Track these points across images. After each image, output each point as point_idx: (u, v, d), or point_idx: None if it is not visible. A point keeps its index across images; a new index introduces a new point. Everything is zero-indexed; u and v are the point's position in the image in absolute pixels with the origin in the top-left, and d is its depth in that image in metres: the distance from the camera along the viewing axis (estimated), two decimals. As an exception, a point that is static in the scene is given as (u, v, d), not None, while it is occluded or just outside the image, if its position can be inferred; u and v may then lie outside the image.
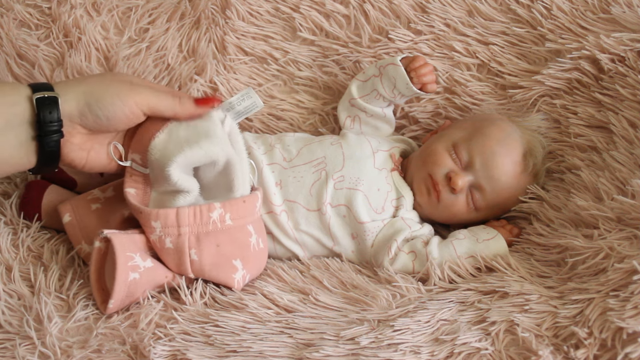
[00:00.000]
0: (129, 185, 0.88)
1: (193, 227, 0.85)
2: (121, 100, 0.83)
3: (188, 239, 0.85)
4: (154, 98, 0.86)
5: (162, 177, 0.86)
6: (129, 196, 0.87)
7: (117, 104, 0.83)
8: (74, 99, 0.82)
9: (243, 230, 0.90)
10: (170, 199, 0.87)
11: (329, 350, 0.76)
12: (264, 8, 1.20)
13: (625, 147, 0.98)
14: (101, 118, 0.83)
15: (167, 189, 0.87)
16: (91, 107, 0.82)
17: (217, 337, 0.79)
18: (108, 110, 0.83)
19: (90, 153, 0.87)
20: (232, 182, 0.90)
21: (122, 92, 0.83)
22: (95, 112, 0.82)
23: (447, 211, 1.03)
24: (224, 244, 0.87)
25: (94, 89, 0.83)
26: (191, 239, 0.85)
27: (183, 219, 0.85)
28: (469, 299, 0.86)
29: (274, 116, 1.19)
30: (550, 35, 1.10)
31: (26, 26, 1.18)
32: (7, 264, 0.90)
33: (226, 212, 0.87)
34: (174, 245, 0.85)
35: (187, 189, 0.87)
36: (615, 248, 0.83)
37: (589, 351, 0.74)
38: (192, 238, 0.85)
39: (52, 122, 0.80)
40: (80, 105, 0.82)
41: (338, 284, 0.93)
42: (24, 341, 0.78)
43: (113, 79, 0.85)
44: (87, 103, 0.82)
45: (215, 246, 0.86)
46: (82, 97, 0.82)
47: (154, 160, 0.87)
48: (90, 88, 0.83)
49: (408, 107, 1.17)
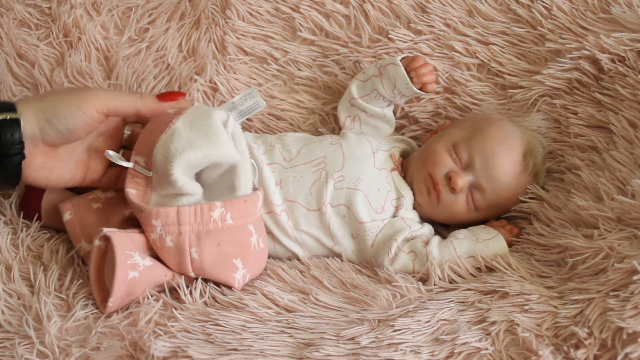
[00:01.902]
0: (129, 186, 0.88)
1: (194, 226, 0.85)
2: (80, 109, 0.83)
3: (189, 238, 0.85)
4: (112, 99, 0.86)
5: (166, 180, 0.86)
6: (130, 195, 0.87)
7: (76, 114, 0.83)
8: (33, 117, 0.82)
9: (244, 230, 0.90)
10: (172, 200, 0.87)
11: (330, 350, 0.76)
12: (264, 8, 1.20)
13: (625, 147, 0.98)
14: (63, 131, 0.83)
15: (170, 192, 0.87)
16: (51, 122, 0.82)
17: (217, 336, 0.79)
18: (68, 122, 0.83)
19: (52, 172, 0.88)
20: (235, 183, 0.90)
21: (79, 100, 0.83)
22: (56, 126, 0.83)
23: (447, 211, 1.03)
24: (224, 243, 0.87)
25: (51, 103, 0.83)
26: (192, 237, 0.85)
27: (184, 218, 0.85)
28: (469, 299, 0.86)
29: (274, 116, 1.19)
30: (550, 35, 1.10)
31: (26, 26, 1.18)
32: (7, 264, 0.90)
33: (227, 212, 0.87)
34: (174, 243, 0.85)
35: (191, 192, 0.87)
36: (615, 248, 0.83)
37: (589, 351, 0.74)
38: (193, 237, 0.85)
39: (14, 144, 0.81)
40: (40, 122, 0.82)
41: (338, 283, 0.92)
42: (23, 340, 0.78)
43: (69, 90, 0.86)
44: (46, 119, 0.82)
45: (216, 245, 0.86)
46: (42, 113, 0.82)
47: (158, 164, 0.87)
48: (47, 104, 0.83)
49: (408, 107, 1.17)
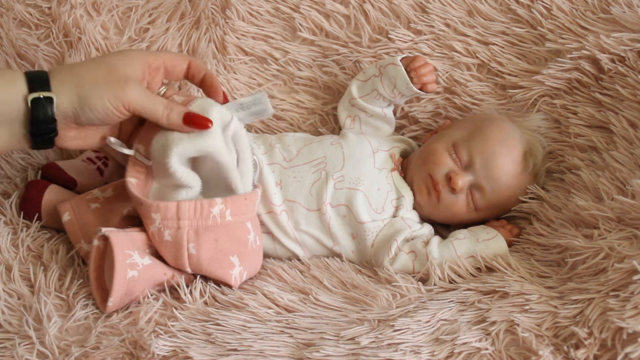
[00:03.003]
0: (130, 175, 0.88)
1: (193, 221, 0.85)
2: (111, 103, 0.83)
3: (187, 233, 0.85)
4: (143, 102, 0.85)
5: (164, 171, 0.86)
6: (130, 186, 0.87)
7: (107, 107, 0.83)
8: (67, 101, 0.82)
9: (242, 227, 0.90)
10: (171, 192, 0.87)
11: (329, 350, 0.76)
12: (264, 8, 1.20)
13: (625, 147, 0.98)
14: (93, 120, 0.84)
15: (170, 182, 0.87)
16: (83, 110, 0.83)
17: (217, 336, 0.79)
18: (99, 113, 0.83)
19: (86, 140, 0.89)
20: (228, 181, 0.90)
21: (114, 94, 0.83)
22: (87, 114, 0.83)
23: (447, 211, 1.03)
24: (222, 240, 0.87)
25: (86, 90, 0.82)
26: (190, 232, 0.85)
27: (183, 213, 0.85)
28: (469, 299, 0.86)
29: (274, 116, 1.19)
30: (550, 35, 1.10)
31: (26, 26, 1.18)
32: (7, 264, 0.90)
33: (227, 208, 0.87)
34: (172, 238, 0.85)
35: (190, 184, 0.87)
36: (615, 248, 0.83)
37: (589, 351, 0.74)
38: (191, 232, 0.85)
39: (47, 122, 0.81)
40: (73, 107, 0.82)
41: (338, 283, 0.92)
42: (23, 340, 0.78)
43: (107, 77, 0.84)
44: (80, 106, 0.82)
45: (214, 241, 0.87)
46: (76, 99, 0.82)
47: (156, 153, 0.87)
48: (82, 90, 0.82)
49: (408, 107, 1.17)
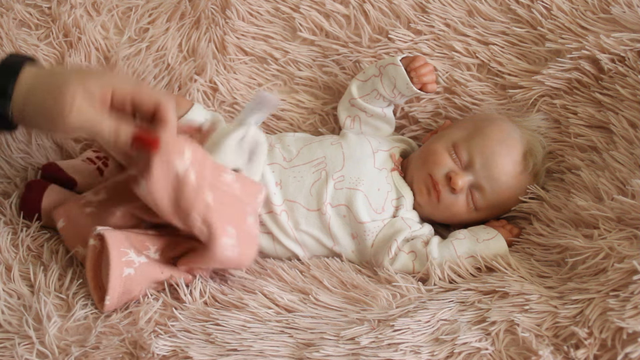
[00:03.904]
0: None
1: (211, 179, 0.84)
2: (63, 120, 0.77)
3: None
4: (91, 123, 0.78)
5: None
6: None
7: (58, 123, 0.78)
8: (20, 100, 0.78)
9: (244, 208, 0.89)
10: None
11: (329, 350, 0.76)
12: (264, 8, 1.20)
13: (625, 147, 0.98)
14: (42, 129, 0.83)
15: None
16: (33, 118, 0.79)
17: (217, 336, 0.79)
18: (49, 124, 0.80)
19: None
20: None
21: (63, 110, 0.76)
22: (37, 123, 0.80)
23: (447, 211, 1.03)
24: (227, 205, 0.85)
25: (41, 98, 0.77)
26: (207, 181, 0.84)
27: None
28: (469, 299, 0.86)
29: (274, 116, 1.19)
30: (550, 35, 1.10)
31: (26, 26, 1.18)
32: (7, 264, 0.90)
33: (237, 182, 0.88)
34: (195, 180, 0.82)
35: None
36: (615, 248, 0.83)
37: (589, 351, 0.74)
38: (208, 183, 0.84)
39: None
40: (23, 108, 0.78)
41: (338, 283, 0.92)
42: (23, 340, 0.78)
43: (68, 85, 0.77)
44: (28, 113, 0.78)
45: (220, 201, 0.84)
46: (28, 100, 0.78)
47: None
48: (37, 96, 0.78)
49: (408, 107, 1.17)
